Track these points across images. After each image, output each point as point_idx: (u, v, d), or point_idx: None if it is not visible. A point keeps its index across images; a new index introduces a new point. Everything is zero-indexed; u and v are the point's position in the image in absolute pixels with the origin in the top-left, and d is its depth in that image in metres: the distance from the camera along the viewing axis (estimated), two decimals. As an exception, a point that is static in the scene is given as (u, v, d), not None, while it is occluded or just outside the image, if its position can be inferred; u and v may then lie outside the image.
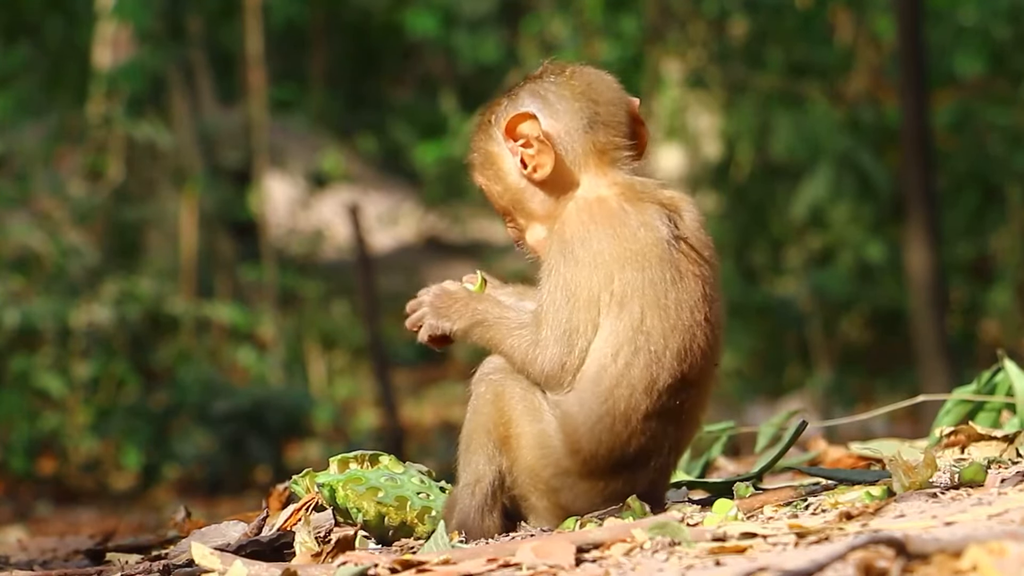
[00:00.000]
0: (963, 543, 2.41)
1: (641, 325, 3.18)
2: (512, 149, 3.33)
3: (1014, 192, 13.52)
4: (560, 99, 3.32)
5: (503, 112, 3.36)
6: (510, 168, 3.35)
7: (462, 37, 15.54)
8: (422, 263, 18.13)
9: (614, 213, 3.22)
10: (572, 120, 3.31)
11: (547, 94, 3.33)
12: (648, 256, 3.20)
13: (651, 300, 3.19)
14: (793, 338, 13.92)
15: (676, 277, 3.21)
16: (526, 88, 3.36)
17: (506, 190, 3.37)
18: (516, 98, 3.36)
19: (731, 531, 2.87)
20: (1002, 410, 4.13)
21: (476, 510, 3.27)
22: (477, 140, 3.41)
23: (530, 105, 3.32)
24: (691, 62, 14.00)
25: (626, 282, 3.18)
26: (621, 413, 3.19)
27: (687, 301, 3.21)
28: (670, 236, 3.22)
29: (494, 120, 3.37)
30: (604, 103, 3.32)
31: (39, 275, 11.86)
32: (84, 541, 4.47)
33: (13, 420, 11.53)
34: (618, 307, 3.18)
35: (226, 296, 13.98)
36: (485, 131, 3.39)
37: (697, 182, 14.14)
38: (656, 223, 3.22)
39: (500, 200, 3.40)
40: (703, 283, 3.23)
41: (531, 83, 3.37)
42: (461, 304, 3.33)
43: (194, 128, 14.45)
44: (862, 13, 14.16)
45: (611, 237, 3.20)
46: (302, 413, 12.34)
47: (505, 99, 3.39)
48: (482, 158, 3.40)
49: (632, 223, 3.21)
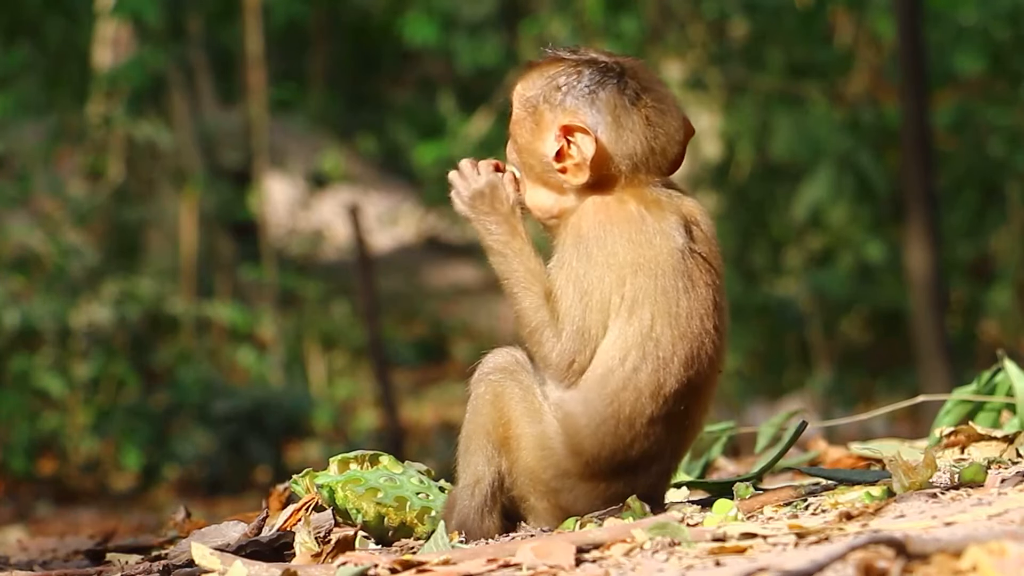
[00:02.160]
0: (963, 543, 2.41)
1: (651, 332, 3.18)
2: (558, 137, 3.26)
3: (1014, 192, 13.52)
4: (629, 132, 3.25)
5: (572, 96, 3.27)
6: (547, 141, 3.28)
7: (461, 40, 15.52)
8: (422, 263, 18.13)
9: (632, 217, 3.21)
10: (625, 155, 3.25)
11: (621, 119, 3.25)
12: (662, 264, 3.19)
13: (662, 308, 3.18)
14: (793, 338, 13.92)
15: (688, 286, 3.20)
16: (607, 89, 3.26)
17: (532, 148, 3.31)
18: (594, 96, 3.26)
19: (731, 531, 2.87)
20: (1002, 410, 4.13)
21: (476, 511, 3.26)
22: (539, 86, 3.30)
23: (597, 119, 3.25)
24: (691, 63, 13.99)
25: (638, 287, 3.18)
26: (626, 417, 3.19)
27: (698, 310, 3.21)
28: (685, 246, 3.21)
29: (564, 91, 3.28)
30: (662, 147, 3.27)
31: (39, 275, 11.86)
32: (84, 541, 4.47)
33: (13, 420, 11.54)
34: (628, 311, 3.18)
35: (226, 296, 13.97)
36: (551, 92, 3.29)
37: (697, 182, 14.13)
38: (673, 232, 3.21)
39: (521, 144, 3.33)
40: (714, 292, 3.23)
41: (614, 86, 3.26)
42: (498, 219, 3.28)
43: (194, 128, 14.45)
44: (862, 13, 14.16)
45: (627, 241, 3.19)
46: (302, 413, 12.34)
47: (586, 76, 3.27)
48: (531, 106, 3.31)
49: (649, 230, 3.20)
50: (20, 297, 11.66)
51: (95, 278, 12.11)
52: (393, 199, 18.56)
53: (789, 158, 13.47)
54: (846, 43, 14.52)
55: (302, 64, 18.62)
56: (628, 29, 14.05)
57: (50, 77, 14.63)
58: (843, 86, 14.07)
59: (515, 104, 3.35)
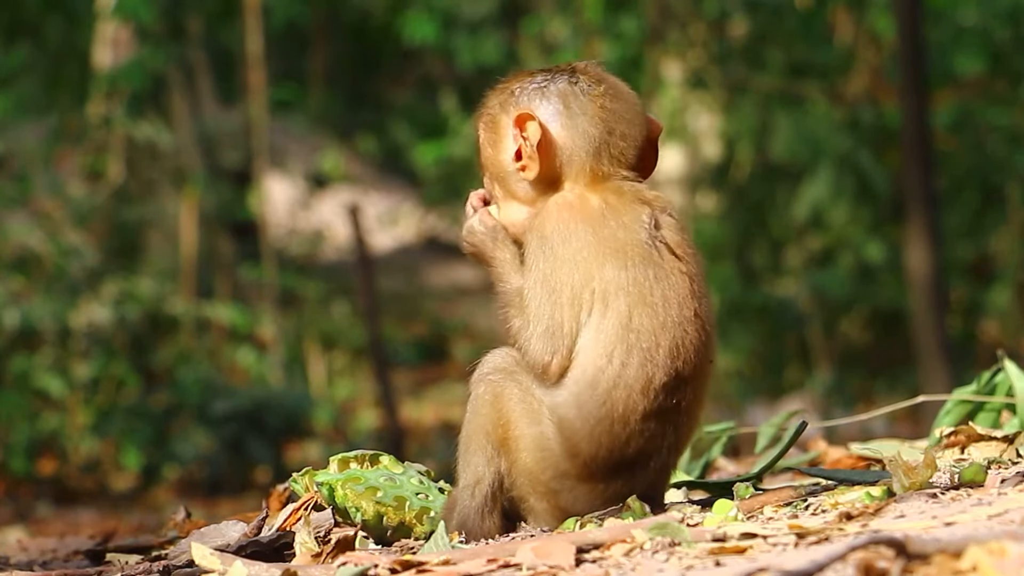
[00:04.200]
0: (963, 543, 2.41)
1: (630, 323, 3.17)
2: (515, 136, 3.30)
3: (1014, 192, 13.52)
4: (581, 115, 3.29)
5: (524, 95, 3.33)
6: (508, 147, 3.33)
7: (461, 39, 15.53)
8: (422, 263, 18.14)
9: (594, 212, 3.22)
10: (581, 140, 3.28)
11: (571, 103, 3.29)
12: (629, 254, 3.19)
13: (636, 297, 3.18)
14: (793, 338, 13.92)
15: (660, 274, 3.20)
16: (558, 83, 3.32)
17: (496, 161, 3.35)
18: (544, 89, 3.31)
19: (731, 531, 2.87)
20: (1002, 410, 4.13)
21: (476, 511, 3.26)
22: (496, 100, 3.37)
23: (547, 108, 3.30)
24: (691, 62, 14.00)
25: (608, 280, 3.18)
26: (620, 415, 3.19)
27: (673, 297, 3.20)
28: (651, 236, 3.21)
29: (518, 93, 3.34)
30: (619, 134, 3.29)
31: (39, 275, 11.86)
32: (84, 541, 4.47)
33: (13, 420, 11.54)
34: (602, 305, 3.18)
35: (226, 296, 13.98)
36: (506, 98, 3.35)
37: (697, 182, 14.14)
38: (637, 223, 3.22)
39: (487, 163, 3.38)
40: (689, 279, 3.22)
41: (566, 80, 3.32)
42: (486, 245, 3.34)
43: (194, 128, 14.46)
44: (862, 13, 14.16)
45: (592, 236, 3.19)
46: (302, 413, 12.34)
47: (538, 77, 3.34)
48: (491, 119, 3.37)
49: (613, 223, 3.21)
50: (20, 297, 11.66)
51: (95, 278, 12.11)
52: (393, 199, 18.57)
53: (789, 158, 13.47)
54: (846, 43, 14.52)
55: (302, 64, 18.64)
56: (628, 29, 14.06)
57: (50, 77, 14.64)
58: (843, 86, 14.07)
59: (479, 129, 3.41)
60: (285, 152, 16.27)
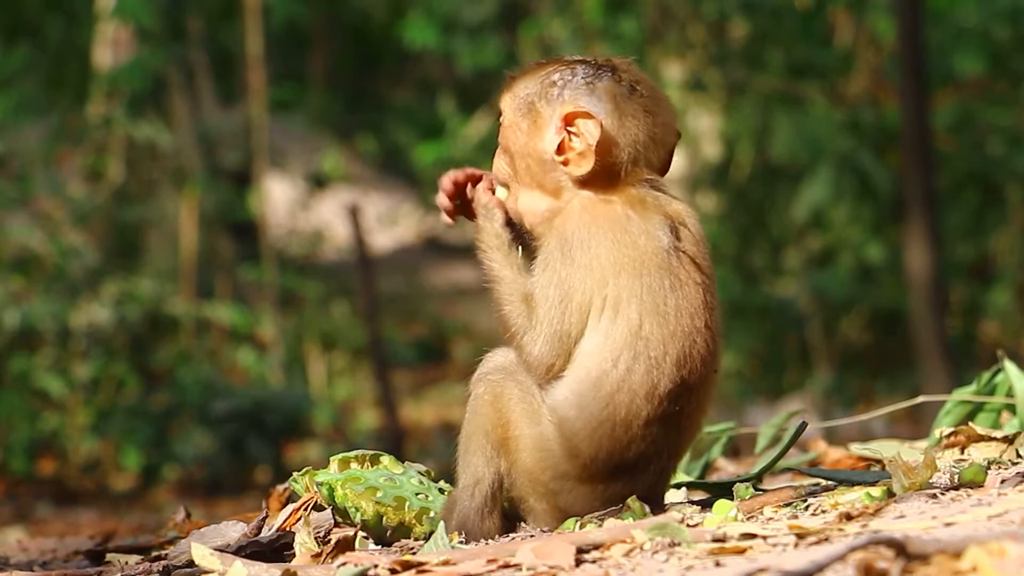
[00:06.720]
0: (963, 544, 2.41)
1: (640, 331, 3.17)
2: (559, 129, 3.25)
3: (1014, 192, 13.52)
4: (630, 115, 3.25)
5: (570, 88, 3.27)
6: (546, 137, 3.28)
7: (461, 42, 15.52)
8: (422, 263, 18.14)
9: (617, 218, 3.21)
10: (630, 138, 3.25)
11: (621, 104, 3.25)
12: (646, 263, 3.18)
13: (649, 306, 3.17)
14: (793, 339, 13.92)
15: (675, 284, 3.19)
16: (603, 80, 3.27)
17: (530, 148, 3.29)
18: (592, 86, 3.26)
19: (731, 532, 2.87)
20: (1002, 411, 4.13)
21: (476, 511, 3.26)
22: (533, 86, 3.31)
23: (600, 107, 3.25)
24: (691, 63, 13.99)
25: (621, 287, 3.17)
26: (622, 419, 3.19)
27: (687, 308, 3.19)
28: (671, 245, 3.20)
29: (561, 86, 3.28)
30: (661, 136, 3.28)
31: (39, 275, 11.86)
32: (84, 542, 4.47)
33: (13, 420, 11.54)
34: (612, 312, 3.17)
35: (226, 297, 13.98)
36: (547, 88, 3.29)
37: (697, 183, 14.14)
38: (658, 232, 3.20)
39: (516, 148, 3.32)
40: (703, 291, 3.22)
41: (611, 78, 3.27)
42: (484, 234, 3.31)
43: (194, 128, 14.46)
44: (862, 14, 14.16)
45: (611, 242, 3.18)
46: (302, 413, 12.34)
47: (579, 70, 3.29)
48: (527, 106, 3.31)
49: (634, 230, 3.20)
50: (20, 297, 11.66)
51: (95, 278, 12.10)
52: (393, 199, 18.58)
53: (789, 158, 13.47)
54: (846, 43, 14.52)
55: (302, 64, 18.64)
56: (628, 30, 14.05)
57: (50, 78, 14.64)
58: (843, 86, 14.07)
59: (507, 110, 3.35)
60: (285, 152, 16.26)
